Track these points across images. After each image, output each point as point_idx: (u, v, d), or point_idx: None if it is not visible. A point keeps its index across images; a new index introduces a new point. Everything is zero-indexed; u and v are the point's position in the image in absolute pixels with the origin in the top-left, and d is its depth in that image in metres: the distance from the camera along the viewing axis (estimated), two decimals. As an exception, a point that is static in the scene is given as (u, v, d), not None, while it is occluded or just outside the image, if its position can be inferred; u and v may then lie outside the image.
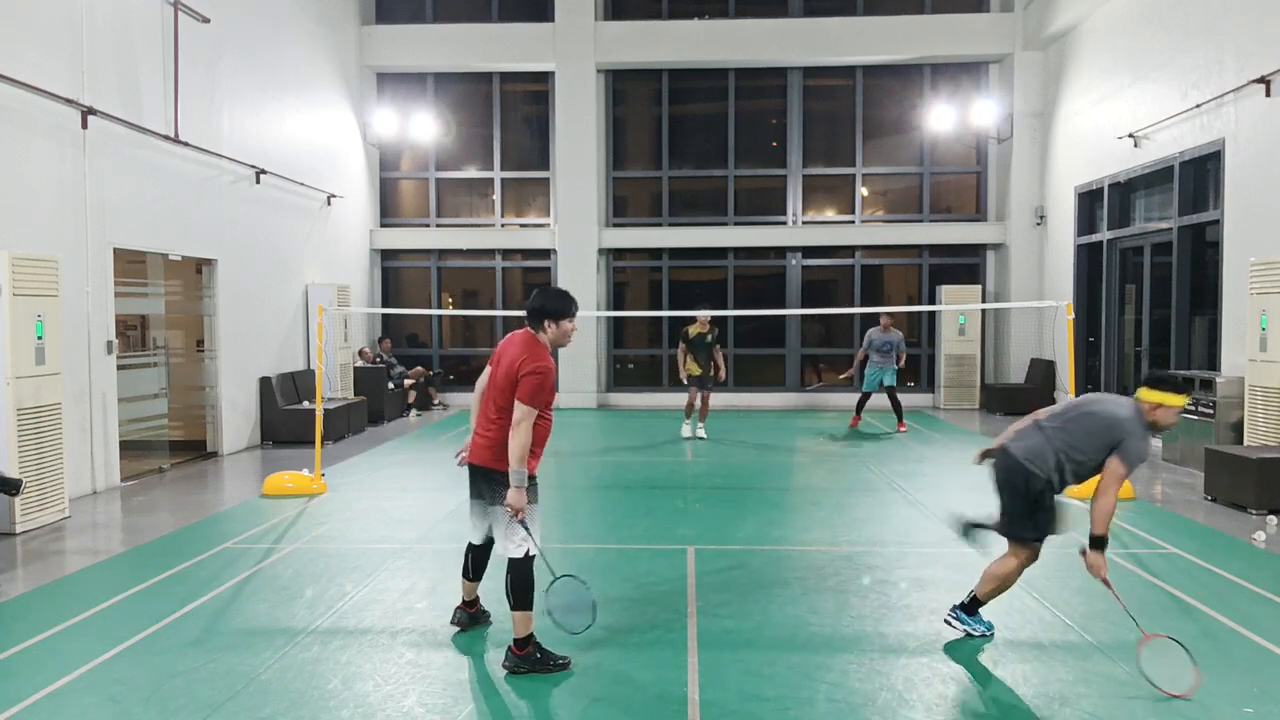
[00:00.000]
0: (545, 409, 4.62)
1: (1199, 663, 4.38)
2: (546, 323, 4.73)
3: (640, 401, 16.94)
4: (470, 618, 5.20)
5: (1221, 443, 9.42)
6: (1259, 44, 10.04)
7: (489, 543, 4.95)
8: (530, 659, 4.60)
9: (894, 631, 5.16)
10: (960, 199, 17.51)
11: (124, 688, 4.42)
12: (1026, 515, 4.85)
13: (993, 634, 5.07)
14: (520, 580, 4.58)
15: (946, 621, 5.12)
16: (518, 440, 4.48)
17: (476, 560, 5.08)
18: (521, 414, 4.49)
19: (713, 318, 12.59)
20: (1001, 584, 4.99)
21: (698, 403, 12.62)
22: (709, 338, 12.51)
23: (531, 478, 4.63)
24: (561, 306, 4.75)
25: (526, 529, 4.58)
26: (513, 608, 4.61)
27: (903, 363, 13.77)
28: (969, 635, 5.05)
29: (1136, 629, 4.69)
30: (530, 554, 4.59)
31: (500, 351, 4.81)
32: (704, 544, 7.02)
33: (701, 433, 12.79)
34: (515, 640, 4.63)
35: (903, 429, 13.31)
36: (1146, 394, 4.68)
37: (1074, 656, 4.78)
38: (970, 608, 5.08)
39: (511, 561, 4.59)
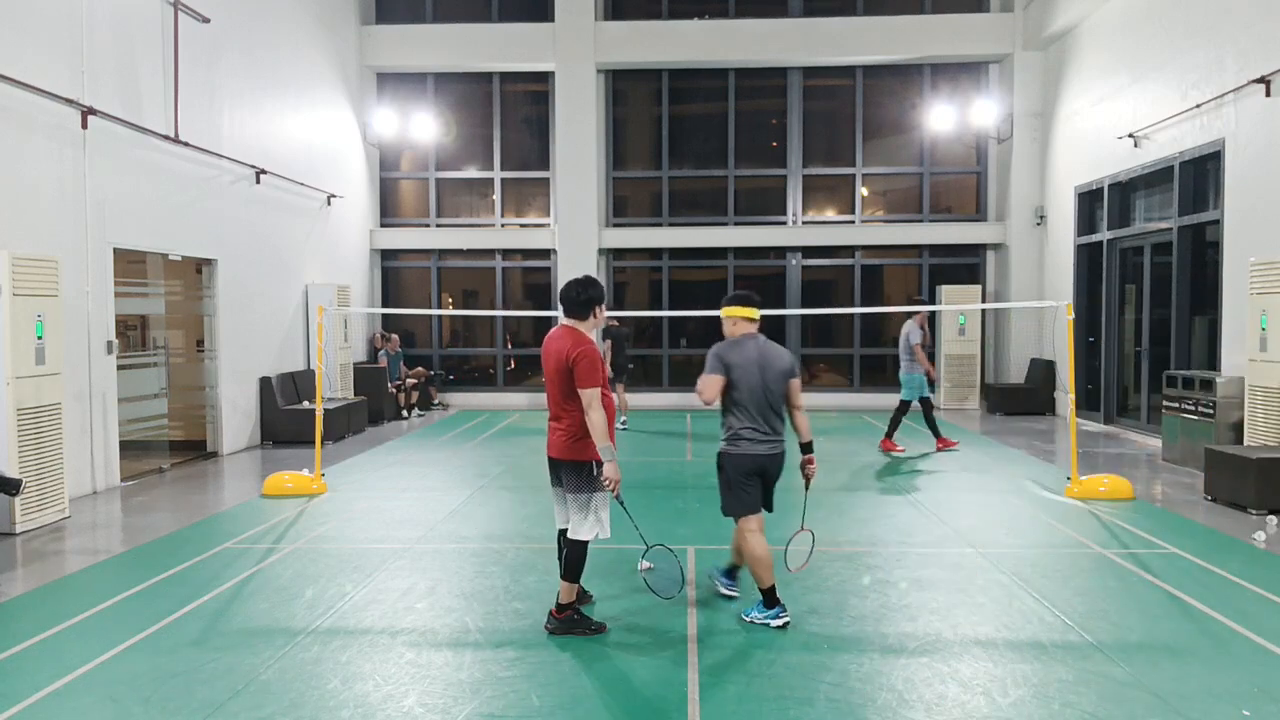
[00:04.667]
0: (604, 386, 5.02)
1: (1197, 661, 4.36)
2: (597, 309, 5.12)
3: (640, 401, 16.93)
4: (586, 612, 5.31)
5: (1221, 443, 9.41)
6: (1259, 44, 10.04)
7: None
8: (569, 621, 5.10)
9: (894, 631, 5.16)
10: (960, 199, 17.51)
11: (124, 688, 4.42)
12: None
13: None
14: (578, 558, 5.08)
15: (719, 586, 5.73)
16: (596, 420, 4.88)
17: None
18: (588, 397, 4.89)
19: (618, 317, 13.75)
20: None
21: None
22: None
23: (598, 463, 4.99)
24: (601, 292, 5.18)
25: (621, 502, 5.10)
26: (564, 578, 5.10)
27: (928, 370, 11.37)
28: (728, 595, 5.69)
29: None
30: (600, 537, 5.04)
31: (546, 350, 5.14)
32: (704, 544, 7.02)
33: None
34: (558, 605, 5.13)
35: (897, 450, 11.35)
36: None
37: (1074, 656, 4.77)
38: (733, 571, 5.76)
39: (575, 541, 5.05)
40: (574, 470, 5.03)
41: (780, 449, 5.33)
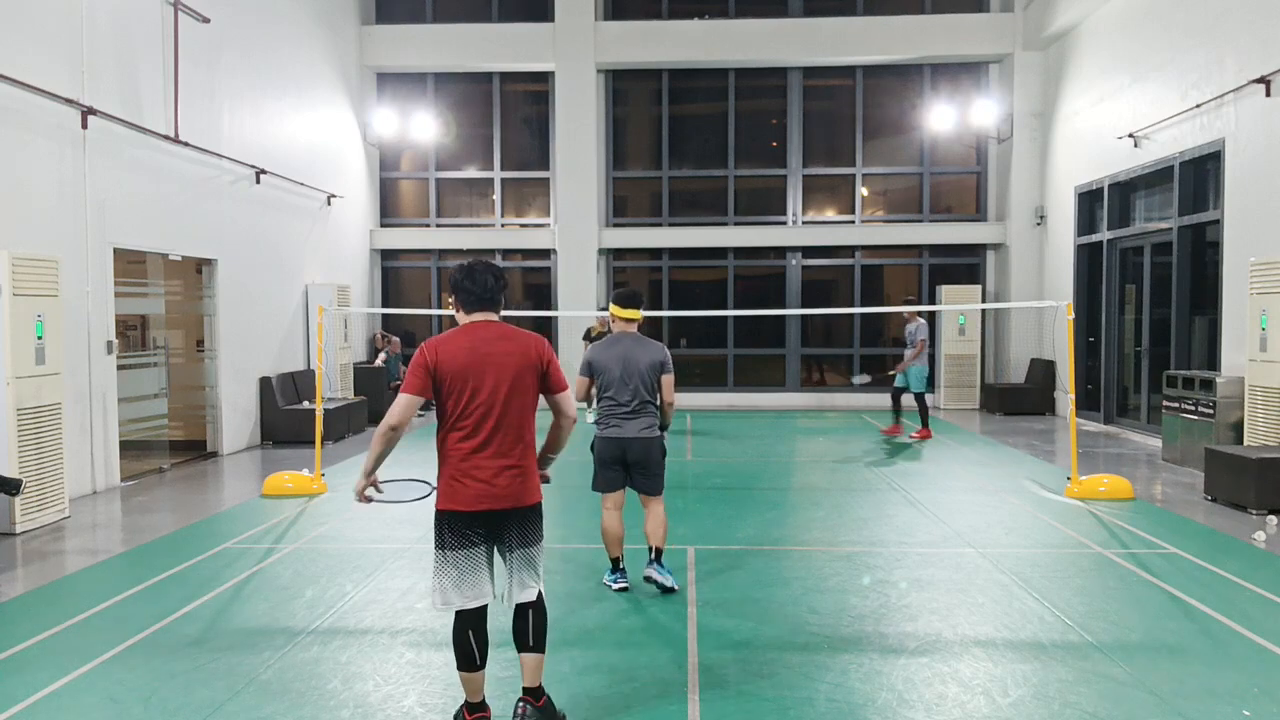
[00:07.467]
0: None
1: (1197, 661, 4.36)
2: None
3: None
4: None
5: (1221, 443, 9.41)
6: (1259, 44, 10.04)
7: (484, 609, 3.88)
8: (549, 708, 3.98)
9: (894, 631, 5.16)
10: (960, 199, 17.51)
11: (124, 688, 4.42)
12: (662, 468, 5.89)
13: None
14: (546, 616, 4.00)
15: (649, 578, 5.81)
16: (565, 435, 4.04)
17: (481, 636, 3.87)
18: (569, 399, 3.97)
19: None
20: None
21: None
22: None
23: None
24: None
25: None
26: (540, 650, 3.96)
27: (919, 360, 12.68)
28: (664, 585, 5.78)
29: None
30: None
31: (481, 356, 3.79)
32: (704, 544, 7.02)
33: None
34: (532, 689, 3.93)
35: (913, 433, 12.62)
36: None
37: (1074, 656, 4.77)
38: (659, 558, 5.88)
39: (538, 599, 3.94)
40: (536, 515, 3.90)
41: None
